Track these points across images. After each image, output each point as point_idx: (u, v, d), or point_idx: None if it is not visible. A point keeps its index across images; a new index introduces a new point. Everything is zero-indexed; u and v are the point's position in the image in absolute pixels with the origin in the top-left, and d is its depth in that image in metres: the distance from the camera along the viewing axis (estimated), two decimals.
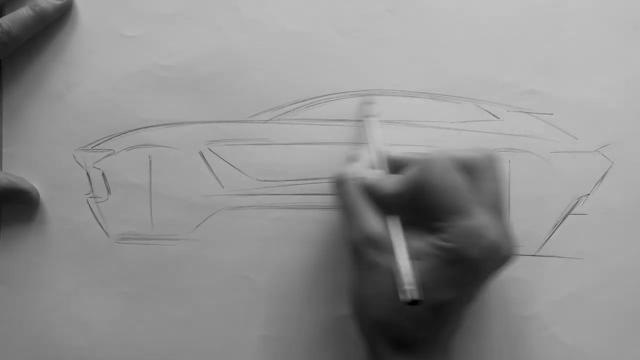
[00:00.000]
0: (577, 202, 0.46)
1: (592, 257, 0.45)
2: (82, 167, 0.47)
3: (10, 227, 0.47)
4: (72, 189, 0.47)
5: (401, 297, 0.37)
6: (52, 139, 0.47)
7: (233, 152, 0.47)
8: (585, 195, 0.46)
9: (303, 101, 0.46)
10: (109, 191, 0.47)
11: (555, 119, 0.46)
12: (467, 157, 0.39)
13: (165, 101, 0.47)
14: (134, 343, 0.47)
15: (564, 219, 0.46)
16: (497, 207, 0.39)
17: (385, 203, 0.40)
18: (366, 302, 0.40)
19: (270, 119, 0.47)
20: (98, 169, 0.47)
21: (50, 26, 0.47)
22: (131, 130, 0.47)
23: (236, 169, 0.47)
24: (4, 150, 0.47)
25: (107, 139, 0.47)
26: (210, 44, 0.47)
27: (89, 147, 0.47)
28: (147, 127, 0.47)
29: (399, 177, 0.40)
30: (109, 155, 0.47)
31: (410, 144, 0.46)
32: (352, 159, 0.43)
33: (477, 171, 0.39)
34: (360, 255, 0.39)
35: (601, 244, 0.45)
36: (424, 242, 0.38)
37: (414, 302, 0.37)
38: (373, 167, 0.42)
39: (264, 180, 0.46)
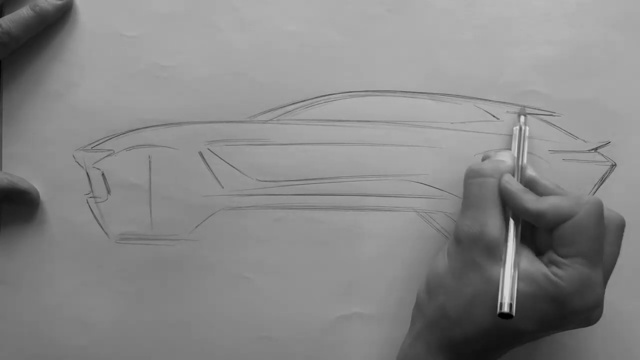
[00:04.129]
0: None
1: None
2: (82, 167, 0.47)
3: (10, 227, 0.47)
4: (72, 189, 0.47)
5: (499, 308, 0.36)
6: (52, 139, 0.47)
7: (233, 152, 0.47)
8: None
9: (303, 101, 0.46)
10: (108, 191, 0.47)
11: (555, 119, 0.46)
12: (606, 214, 0.39)
13: (165, 101, 0.47)
14: (134, 343, 0.47)
15: None
16: (608, 272, 0.39)
17: (512, 214, 0.39)
18: (448, 294, 0.39)
19: (270, 119, 0.47)
20: (98, 169, 0.47)
21: (50, 26, 0.47)
22: (131, 131, 0.47)
23: (236, 169, 0.47)
24: (4, 150, 0.47)
25: (106, 139, 0.47)
26: (210, 44, 0.47)
27: (89, 147, 0.47)
28: (147, 127, 0.47)
29: (546, 200, 0.39)
30: (108, 155, 0.47)
31: (410, 144, 0.46)
32: (495, 158, 0.42)
33: (608, 231, 0.39)
34: (467, 249, 0.39)
35: None
36: (535, 267, 0.38)
37: (506, 316, 0.36)
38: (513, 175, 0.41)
39: (264, 181, 0.46)
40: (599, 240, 0.38)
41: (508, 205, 0.40)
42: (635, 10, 0.46)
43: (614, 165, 0.46)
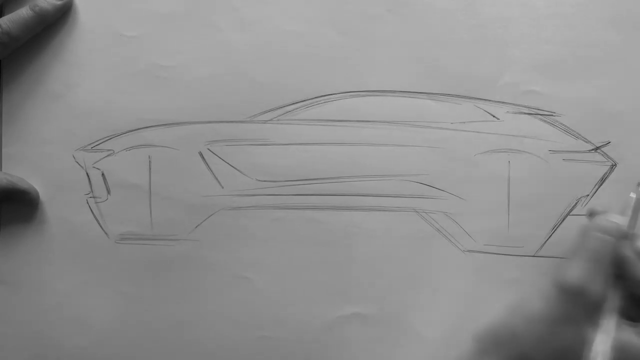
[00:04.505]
0: (576, 203, 0.45)
1: None
2: (82, 167, 0.47)
3: (10, 227, 0.47)
4: (72, 189, 0.47)
5: None
6: (52, 139, 0.47)
7: (233, 153, 0.47)
8: (585, 196, 0.45)
9: (303, 101, 0.46)
10: (108, 191, 0.47)
11: (555, 120, 0.46)
12: None
13: (165, 101, 0.47)
14: (134, 343, 0.47)
15: (564, 219, 0.45)
16: None
17: (620, 282, 0.39)
18: (539, 339, 0.38)
19: (270, 119, 0.47)
20: (98, 169, 0.47)
21: (50, 26, 0.47)
22: (131, 131, 0.47)
23: (236, 169, 0.47)
24: (4, 150, 0.47)
25: (106, 139, 0.47)
26: (210, 44, 0.47)
27: (89, 147, 0.47)
28: (147, 127, 0.47)
29: None
30: (108, 155, 0.47)
31: (410, 144, 0.46)
32: (615, 219, 0.42)
33: None
34: (572, 302, 0.38)
35: None
36: (631, 339, 0.38)
37: None
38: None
39: (264, 181, 0.46)
40: None
41: (621, 271, 0.40)
42: (635, 10, 0.46)
43: (614, 165, 0.46)
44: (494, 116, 0.46)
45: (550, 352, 0.38)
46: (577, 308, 0.38)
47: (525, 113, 0.46)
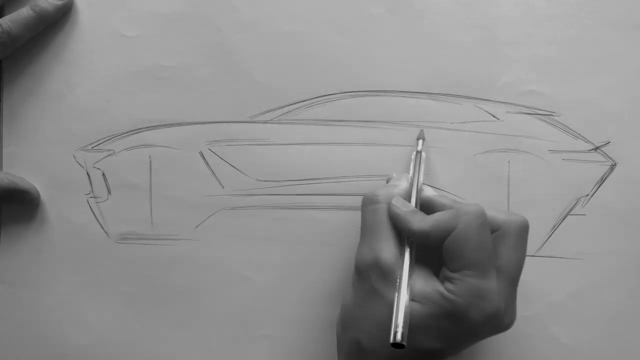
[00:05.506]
0: (576, 203, 0.46)
1: (591, 258, 0.45)
2: (82, 167, 0.47)
3: (10, 227, 0.47)
4: (72, 189, 0.47)
5: (392, 339, 0.36)
6: (52, 139, 0.47)
7: (233, 152, 0.47)
8: (585, 196, 0.46)
9: (303, 101, 0.47)
10: (109, 191, 0.47)
11: (554, 119, 0.46)
12: (502, 219, 0.39)
13: (165, 101, 0.47)
14: (134, 343, 0.47)
15: (564, 219, 0.46)
16: (513, 277, 0.39)
17: (406, 237, 0.39)
18: (357, 326, 0.39)
19: (270, 119, 0.47)
20: (98, 169, 0.47)
21: (50, 26, 0.47)
22: (131, 130, 0.47)
23: (236, 169, 0.47)
24: (4, 150, 0.47)
25: (107, 139, 0.47)
26: (209, 44, 0.47)
27: (89, 147, 0.47)
28: (147, 127, 0.47)
29: (431, 217, 0.39)
30: (109, 155, 0.47)
31: (410, 144, 0.46)
32: (389, 183, 0.43)
33: (506, 236, 0.39)
34: (366, 278, 0.39)
35: (601, 244, 0.45)
36: (430, 287, 0.38)
37: (398, 346, 0.36)
38: (406, 199, 0.41)
39: (264, 180, 0.46)
40: (484, 249, 0.37)
41: (396, 228, 0.40)
42: (635, 10, 0.46)
43: (614, 165, 0.46)
44: (493, 116, 0.46)
45: (372, 330, 0.38)
46: (375, 280, 0.38)
47: (525, 113, 0.46)
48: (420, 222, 0.39)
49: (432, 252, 0.39)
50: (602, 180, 0.46)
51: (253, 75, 0.47)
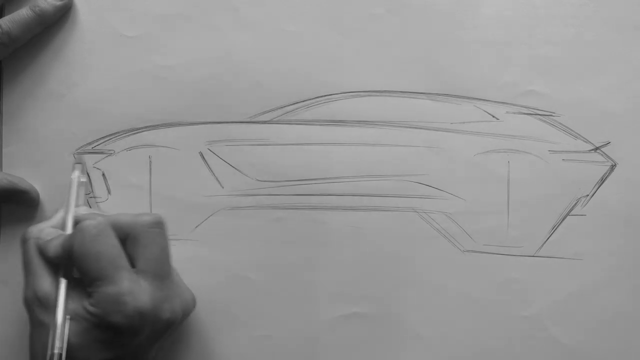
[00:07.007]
0: (576, 203, 0.46)
1: (591, 258, 0.45)
2: None
3: (10, 227, 0.47)
4: None
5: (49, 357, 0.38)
6: (52, 139, 0.47)
7: (233, 152, 0.47)
8: (585, 196, 0.46)
9: (303, 101, 0.47)
10: (109, 191, 0.47)
11: (554, 120, 0.46)
12: (125, 222, 0.41)
13: (165, 101, 0.47)
14: None
15: (563, 219, 0.46)
16: (158, 273, 0.40)
17: (56, 264, 0.41)
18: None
19: (270, 119, 0.47)
20: (98, 169, 0.47)
21: (51, 26, 0.47)
22: (131, 131, 0.47)
23: (236, 169, 0.47)
24: (4, 150, 0.47)
25: (107, 139, 0.47)
26: (210, 44, 0.47)
27: (89, 147, 0.47)
28: (147, 127, 0.47)
29: (59, 240, 0.41)
30: (109, 155, 0.47)
31: (410, 144, 0.46)
32: (51, 218, 0.44)
33: (135, 236, 0.40)
34: (31, 313, 0.40)
35: (600, 244, 0.45)
36: (78, 304, 0.39)
37: None
38: (63, 228, 0.42)
39: (264, 181, 0.46)
40: (103, 258, 0.39)
41: (45, 258, 0.41)
42: (635, 10, 0.46)
43: (614, 165, 0.46)
44: (493, 116, 0.46)
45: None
46: (40, 313, 0.40)
47: (525, 113, 0.46)
48: (54, 248, 0.41)
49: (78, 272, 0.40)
50: (602, 180, 0.46)
51: (253, 75, 0.47)
